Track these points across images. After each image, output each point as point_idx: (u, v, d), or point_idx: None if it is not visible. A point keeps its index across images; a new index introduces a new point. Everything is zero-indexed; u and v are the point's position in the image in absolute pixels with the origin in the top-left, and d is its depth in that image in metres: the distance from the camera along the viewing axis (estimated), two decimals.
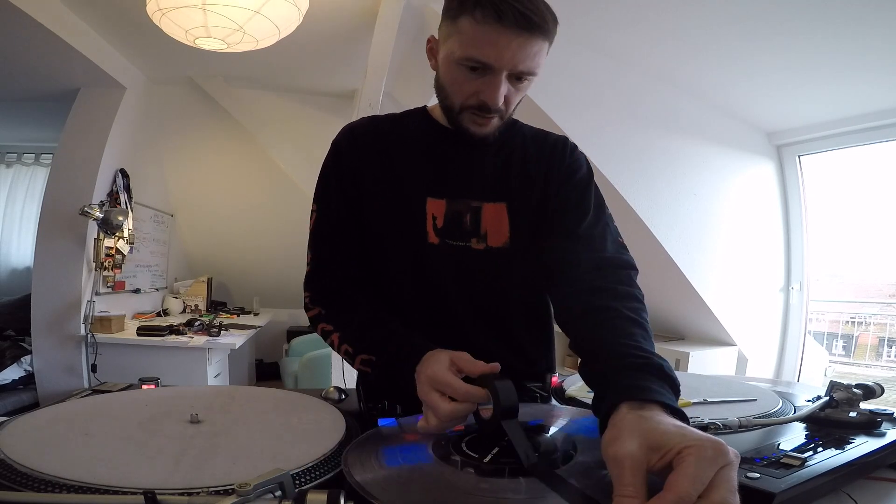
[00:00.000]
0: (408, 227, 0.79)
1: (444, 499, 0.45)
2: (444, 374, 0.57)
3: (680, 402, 0.71)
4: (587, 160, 0.86)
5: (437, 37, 0.77)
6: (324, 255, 0.81)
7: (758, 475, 0.49)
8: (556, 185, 0.81)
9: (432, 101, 0.86)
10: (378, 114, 0.89)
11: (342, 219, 0.81)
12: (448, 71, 0.73)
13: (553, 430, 0.60)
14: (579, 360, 0.62)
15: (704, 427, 0.59)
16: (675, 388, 0.53)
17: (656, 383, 0.51)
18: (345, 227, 0.81)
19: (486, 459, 0.50)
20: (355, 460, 0.50)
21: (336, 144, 0.84)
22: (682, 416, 0.49)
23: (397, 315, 0.77)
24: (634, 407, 0.48)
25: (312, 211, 0.83)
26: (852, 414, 0.66)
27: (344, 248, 0.81)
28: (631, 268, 0.74)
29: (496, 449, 0.52)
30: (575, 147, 0.86)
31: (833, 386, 0.71)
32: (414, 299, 0.80)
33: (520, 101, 0.76)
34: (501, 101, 0.71)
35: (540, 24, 0.66)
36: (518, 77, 0.71)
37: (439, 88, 0.78)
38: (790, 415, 0.69)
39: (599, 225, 0.78)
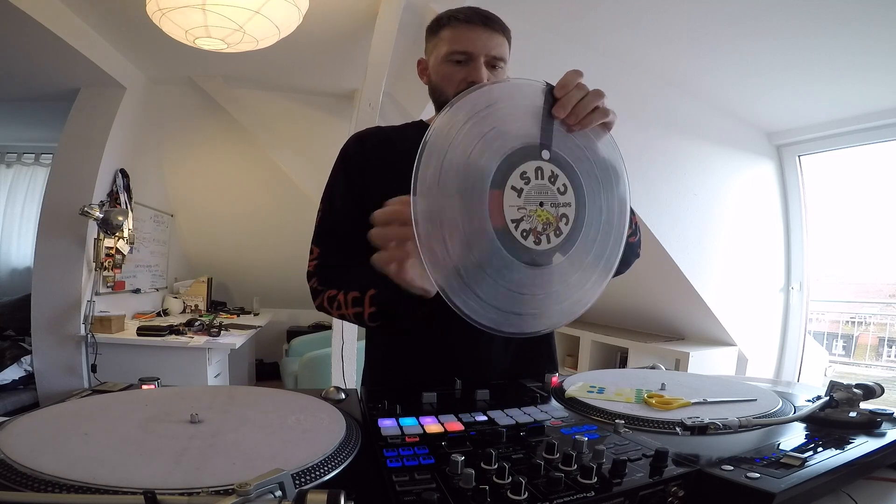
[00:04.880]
0: None
1: None
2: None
3: (680, 401, 0.71)
4: None
5: (424, 58, 0.98)
6: (328, 246, 0.90)
7: (758, 475, 0.48)
8: None
9: (427, 115, 1.00)
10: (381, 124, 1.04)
11: (347, 213, 0.90)
12: (438, 71, 0.92)
13: None
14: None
15: (704, 427, 0.59)
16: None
17: None
18: (349, 219, 0.90)
19: None
20: None
21: (345, 149, 0.96)
22: None
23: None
24: None
25: (318, 211, 0.93)
26: (852, 414, 0.66)
27: (347, 240, 0.89)
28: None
29: None
30: None
31: (833, 386, 0.71)
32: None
33: None
34: (486, 79, 0.88)
35: (499, 22, 0.92)
36: (493, 65, 0.90)
37: (433, 90, 0.95)
38: (790, 415, 0.69)
39: None
